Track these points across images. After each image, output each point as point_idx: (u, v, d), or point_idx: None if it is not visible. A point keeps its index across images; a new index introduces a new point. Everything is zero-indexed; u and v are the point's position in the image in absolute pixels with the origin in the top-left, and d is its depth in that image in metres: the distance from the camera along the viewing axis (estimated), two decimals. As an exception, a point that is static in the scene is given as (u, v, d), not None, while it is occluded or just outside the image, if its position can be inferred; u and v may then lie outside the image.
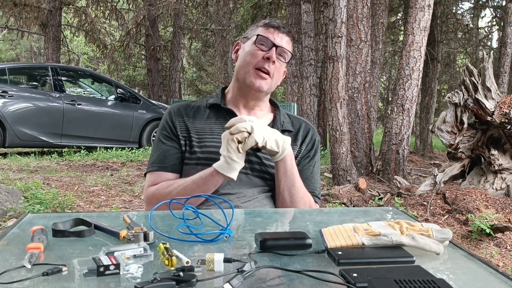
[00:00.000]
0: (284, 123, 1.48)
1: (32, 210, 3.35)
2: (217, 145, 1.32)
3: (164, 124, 1.45)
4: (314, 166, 1.50)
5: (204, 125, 1.42)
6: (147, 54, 13.04)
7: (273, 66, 1.38)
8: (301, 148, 1.48)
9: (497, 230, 3.34)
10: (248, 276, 0.67)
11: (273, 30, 1.40)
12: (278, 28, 1.41)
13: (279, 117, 1.48)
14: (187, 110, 1.46)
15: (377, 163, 5.85)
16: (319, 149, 1.54)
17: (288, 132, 1.47)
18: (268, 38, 1.39)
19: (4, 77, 7.05)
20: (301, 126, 1.51)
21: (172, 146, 1.41)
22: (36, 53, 23.51)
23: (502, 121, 3.98)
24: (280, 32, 1.41)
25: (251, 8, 11.34)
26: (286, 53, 1.42)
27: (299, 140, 1.48)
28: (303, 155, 1.48)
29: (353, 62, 5.89)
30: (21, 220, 1.00)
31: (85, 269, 0.68)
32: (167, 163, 1.39)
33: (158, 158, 1.41)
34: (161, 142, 1.43)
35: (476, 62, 10.97)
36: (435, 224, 0.91)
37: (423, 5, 5.35)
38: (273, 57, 1.37)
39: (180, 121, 1.43)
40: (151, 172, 1.41)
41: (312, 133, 1.52)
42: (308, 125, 1.54)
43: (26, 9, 10.47)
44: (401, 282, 0.62)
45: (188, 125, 1.42)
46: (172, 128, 1.43)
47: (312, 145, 1.50)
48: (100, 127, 7.49)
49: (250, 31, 1.46)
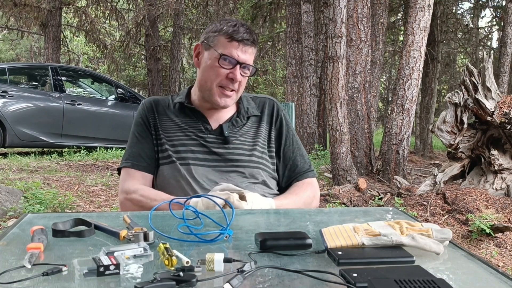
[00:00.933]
0: (249, 109, 1.49)
1: (32, 210, 3.35)
2: (185, 143, 1.38)
3: (138, 120, 1.47)
4: (292, 143, 1.50)
5: (171, 123, 1.44)
6: (147, 54, 13.04)
7: (236, 83, 1.37)
8: (271, 129, 1.49)
9: (497, 230, 3.34)
10: (248, 276, 0.67)
11: (237, 45, 1.34)
12: (242, 42, 1.34)
13: (242, 105, 1.48)
14: (157, 106, 1.48)
15: (377, 163, 5.85)
16: (289, 123, 1.53)
17: (255, 117, 1.49)
18: (232, 57, 1.34)
19: (4, 77, 7.05)
20: (265, 105, 1.52)
21: (146, 143, 1.43)
22: (36, 53, 23.50)
23: (502, 121, 3.98)
24: (244, 46, 1.34)
25: (251, 8, 11.34)
26: (249, 67, 1.38)
27: (264, 120, 1.49)
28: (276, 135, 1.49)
29: (353, 62, 5.89)
30: (21, 220, 1.00)
31: (85, 269, 0.68)
32: (141, 162, 1.41)
33: (132, 155, 1.43)
34: (136, 138, 1.45)
35: (476, 62, 10.97)
36: (435, 224, 0.91)
37: (423, 5, 5.35)
38: (238, 77, 1.35)
39: (152, 117, 1.46)
40: (125, 168, 1.42)
41: (277, 108, 1.52)
42: (272, 101, 1.54)
43: (26, 9, 10.47)
44: (401, 282, 0.62)
45: (158, 122, 1.44)
46: (146, 123, 1.45)
47: (280, 122, 1.50)
48: (100, 127, 7.49)
49: (212, 37, 1.37)
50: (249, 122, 1.47)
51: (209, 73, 1.37)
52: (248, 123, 1.47)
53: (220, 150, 1.39)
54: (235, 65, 1.34)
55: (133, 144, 1.44)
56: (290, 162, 1.48)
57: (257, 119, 1.49)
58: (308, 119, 8.23)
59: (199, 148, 1.39)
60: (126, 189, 1.38)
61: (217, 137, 1.41)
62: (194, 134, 1.41)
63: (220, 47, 1.35)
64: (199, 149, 1.39)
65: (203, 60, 1.40)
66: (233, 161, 1.39)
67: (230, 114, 1.47)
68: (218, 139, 1.41)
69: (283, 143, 1.49)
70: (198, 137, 1.41)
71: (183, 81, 17.66)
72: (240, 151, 1.40)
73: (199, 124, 1.43)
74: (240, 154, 1.40)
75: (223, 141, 1.40)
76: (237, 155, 1.40)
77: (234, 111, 1.48)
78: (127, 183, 1.39)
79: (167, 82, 13.29)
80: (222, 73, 1.35)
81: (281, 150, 1.48)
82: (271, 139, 1.48)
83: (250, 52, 1.37)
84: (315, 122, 8.36)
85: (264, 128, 1.48)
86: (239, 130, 1.44)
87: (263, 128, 1.48)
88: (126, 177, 1.41)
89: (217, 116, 1.46)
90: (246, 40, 1.34)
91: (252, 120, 1.48)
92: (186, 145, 1.39)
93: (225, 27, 1.35)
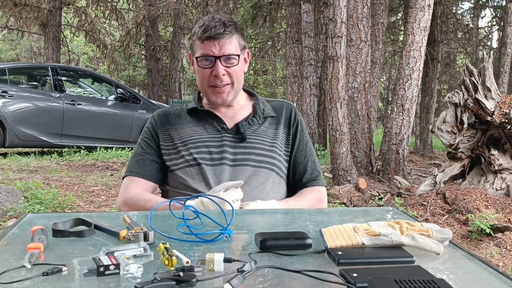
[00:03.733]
0: (265, 111, 1.49)
1: (32, 210, 3.35)
2: (200, 145, 1.39)
3: (146, 132, 1.48)
4: (305, 149, 1.49)
5: (186, 129, 1.44)
6: (147, 54, 13.04)
7: (225, 77, 1.37)
8: (289, 132, 1.49)
9: (497, 230, 3.34)
10: (248, 276, 0.67)
11: (209, 43, 1.34)
12: (213, 38, 1.33)
13: (258, 106, 1.49)
14: (168, 117, 1.49)
15: (377, 163, 5.85)
16: (305, 128, 1.54)
17: (271, 118, 1.49)
18: (207, 55, 1.34)
19: (4, 77, 7.04)
20: (282, 108, 1.52)
21: (152, 155, 1.44)
22: (36, 53, 23.50)
23: (502, 121, 3.98)
24: (217, 40, 1.33)
25: (251, 8, 11.35)
26: (233, 57, 1.36)
27: (281, 123, 1.49)
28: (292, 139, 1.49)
29: (353, 62, 5.89)
30: (21, 220, 1.00)
31: (85, 269, 0.68)
32: (145, 171, 1.42)
33: (137, 164, 1.43)
34: (142, 149, 1.45)
35: (476, 62, 10.97)
36: (435, 224, 0.91)
37: (423, 5, 5.35)
38: (220, 72, 1.35)
39: (163, 130, 1.46)
40: (128, 176, 1.43)
41: (295, 113, 1.52)
42: (290, 105, 1.55)
43: (26, 9, 10.47)
44: (401, 282, 0.62)
45: (171, 133, 1.45)
46: (154, 138, 1.46)
47: (297, 126, 1.51)
48: (100, 127, 7.49)
49: (192, 43, 1.41)
50: (266, 123, 1.47)
51: (198, 77, 1.41)
52: (265, 123, 1.47)
53: (236, 150, 1.39)
54: (214, 61, 1.35)
55: (138, 154, 1.45)
56: (301, 167, 1.47)
57: (274, 121, 1.49)
58: (308, 119, 8.23)
59: (216, 149, 1.39)
60: (125, 193, 1.39)
61: (233, 136, 1.41)
62: (211, 135, 1.42)
63: (197, 51, 1.37)
64: (216, 150, 1.38)
65: (193, 67, 1.43)
66: (249, 160, 1.38)
67: (246, 114, 1.47)
68: (234, 137, 1.41)
69: (296, 147, 1.48)
70: (215, 137, 1.41)
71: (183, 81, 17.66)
72: (257, 151, 1.40)
73: (214, 124, 1.44)
74: (258, 154, 1.39)
75: (240, 139, 1.40)
76: (254, 155, 1.39)
77: (250, 111, 1.48)
78: (127, 189, 1.40)
79: (167, 82, 13.29)
80: (206, 74, 1.37)
81: (293, 153, 1.48)
82: (288, 142, 1.48)
83: (228, 42, 1.35)
84: (315, 122, 8.36)
85: (281, 131, 1.47)
86: (256, 130, 1.44)
87: (281, 130, 1.47)
88: (128, 183, 1.41)
89: (232, 115, 1.46)
90: (217, 34, 1.33)
91: (269, 121, 1.48)
92: (202, 147, 1.39)
93: (197, 29, 1.37)
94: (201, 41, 1.35)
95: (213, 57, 1.35)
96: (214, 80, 1.37)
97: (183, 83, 17.60)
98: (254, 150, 1.40)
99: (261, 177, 1.37)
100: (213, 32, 1.33)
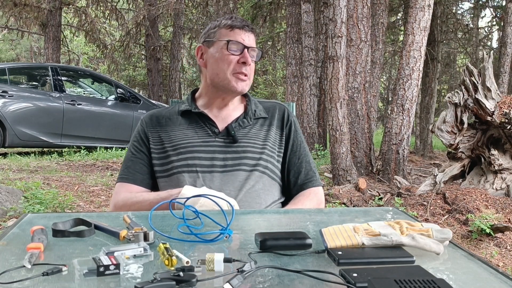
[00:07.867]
0: (256, 112, 1.48)
1: (32, 210, 3.35)
2: (190, 150, 1.37)
3: (136, 136, 1.46)
4: (299, 149, 1.48)
5: (177, 132, 1.43)
6: (147, 54, 13.04)
7: (249, 67, 1.39)
8: (282, 134, 1.48)
9: (497, 230, 3.34)
10: (248, 276, 0.67)
11: (239, 31, 1.38)
12: (243, 28, 1.39)
13: (250, 107, 1.48)
14: (159, 119, 1.47)
15: (377, 163, 5.85)
16: (299, 129, 1.53)
17: (263, 119, 1.48)
18: (238, 42, 1.37)
19: (4, 77, 7.04)
20: (275, 109, 1.51)
21: (142, 160, 1.42)
22: (36, 53, 23.49)
23: (502, 121, 3.98)
24: (246, 32, 1.39)
25: (251, 8, 11.34)
26: (255, 51, 1.42)
27: (274, 124, 1.48)
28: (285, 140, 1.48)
29: (353, 62, 5.89)
30: (21, 220, 1.00)
31: (85, 269, 0.68)
32: (136, 176, 1.41)
33: (127, 170, 1.42)
34: (132, 154, 1.44)
35: (476, 62, 10.97)
36: (435, 224, 0.91)
37: (423, 5, 5.35)
38: (249, 60, 1.38)
39: (153, 131, 1.44)
40: (119, 183, 1.42)
41: (287, 114, 1.51)
42: (283, 106, 1.54)
43: (26, 9, 10.47)
44: (401, 282, 0.62)
45: (162, 135, 1.43)
46: (145, 141, 1.44)
47: (290, 127, 1.49)
48: (100, 127, 7.49)
49: (213, 33, 1.41)
50: (257, 124, 1.46)
51: (219, 64, 1.38)
52: (256, 125, 1.45)
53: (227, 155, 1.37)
54: (243, 49, 1.37)
55: (129, 160, 1.44)
56: (295, 168, 1.45)
57: (266, 122, 1.47)
58: (308, 119, 8.23)
59: (206, 155, 1.37)
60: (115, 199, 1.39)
61: (224, 140, 1.40)
62: (201, 139, 1.40)
63: (224, 37, 1.38)
64: (206, 156, 1.37)
65: (209, 56, 1.41)
66: (241, 164, 1.37)
67: (237, 114, 1.46)
68: (225, 141, 1.40)
69: (289, 148, 1.47)
70: (205, 142, 1.39)
71: (183, 81, 17.66)
72: (249, 154, 1.38)
73: (206, 128, 1.42)
74: (250, 158, 1.38)
75: (230, 141, 1.39)
76: (246, 159, 1.38)
77: (242, 111, 1.47)
78: (118, 195, 1.39)
79: (167, 82, 13.29)
80: (233, 60, 1.37)
81: (287, 154, 1.46)
82: (281, 143, 1.46)
83: (253, 39, 1.42)
84: (315, 122, 8.36)
85: (274, 132, 1.46)
86: (248, 132, 1.43)
87: (273, 132, 1.46)
88: (119, 190, 1.41)
89: (225, 116, 1.44)
90: (246, 26, 1.39)
91: (260, 122, 1.47)
92: (193, 151, 1.37)
93: (223, 21, 1.41)
94: (231, 29, 1.38)
95: (243, 46, 1.37)
96: (240, 67, 1.37)
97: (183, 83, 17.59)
98: (246, 154, 1.38)
99: (252, 180, 1.36)
100: (244, 24, 1.39)
